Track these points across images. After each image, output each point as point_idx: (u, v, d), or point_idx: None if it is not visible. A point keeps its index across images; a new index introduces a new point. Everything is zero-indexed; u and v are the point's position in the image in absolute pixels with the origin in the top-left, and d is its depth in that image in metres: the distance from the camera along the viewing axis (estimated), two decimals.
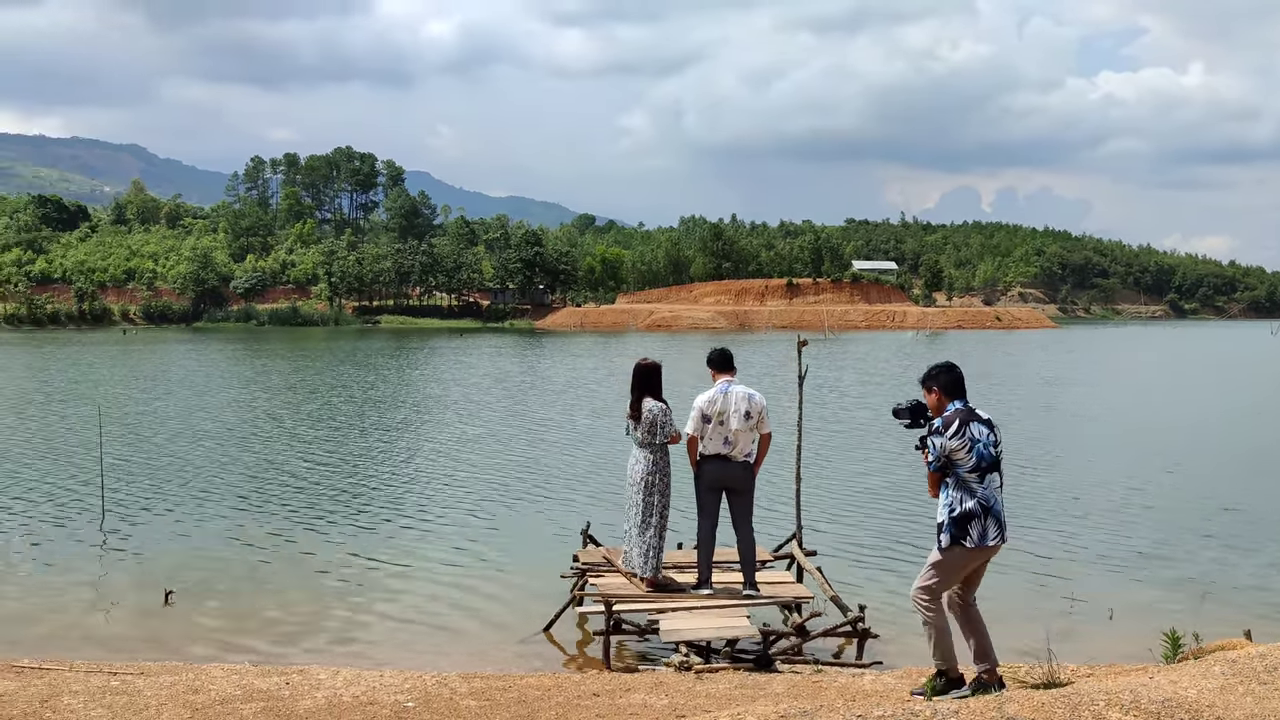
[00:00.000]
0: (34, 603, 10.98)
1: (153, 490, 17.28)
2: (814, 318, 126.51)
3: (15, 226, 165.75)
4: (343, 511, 15.66)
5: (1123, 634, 9.86)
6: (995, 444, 6.32)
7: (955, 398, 6.46)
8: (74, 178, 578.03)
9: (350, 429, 26.05)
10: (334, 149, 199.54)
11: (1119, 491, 17.30)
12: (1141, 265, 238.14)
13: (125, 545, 13.52)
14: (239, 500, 16.51)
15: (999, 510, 6.28)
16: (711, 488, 9.32)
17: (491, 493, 17.11)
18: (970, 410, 6.37)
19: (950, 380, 6.52)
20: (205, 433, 24.97)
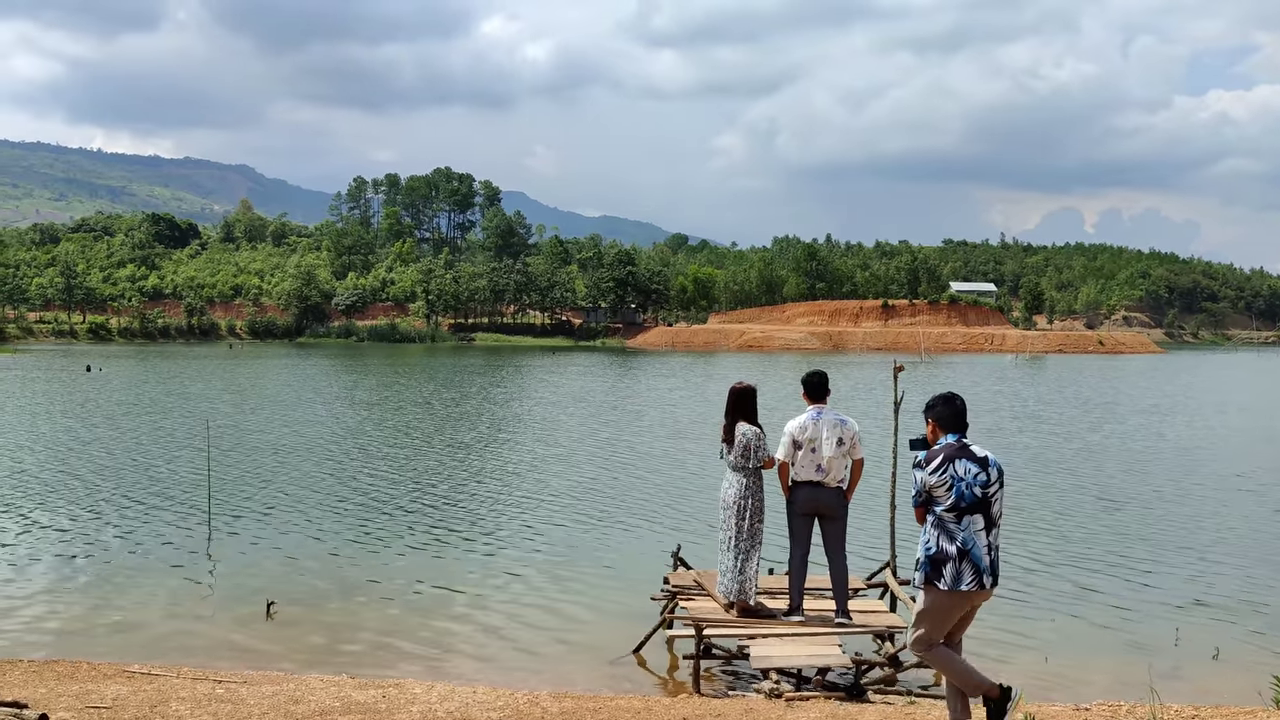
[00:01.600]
0: (144, 610, 11.38)
1: (256, 502, 17.78)
2: (910, 340, 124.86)
3: (130, 244, 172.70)
4: (438, 528, 15.92)
5: (1229, 673, 9.53)
6: (986, 484, 5.97)
7: (950, 431, 6.16)
8: (186, 196, 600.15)
9: (449, 446, 26.46)
10: (433, 169, 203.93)
11: (1228, 524, 16.72)
12: (1254, 289, 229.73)
13: (230, 556, 13.93)
14: (338, 514, 16.89)
15: (979, 555, 5.94)
16: (804, 513, 9.27)
17: (584, 513, 17.23)
18: (962, 447, 6.06)
19: (948, 413, 6.21)
20: (307, 446, 25.59)
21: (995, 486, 6.01)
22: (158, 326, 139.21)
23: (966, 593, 5.96)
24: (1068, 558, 14.18)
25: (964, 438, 6.13)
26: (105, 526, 15.69)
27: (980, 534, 5.96)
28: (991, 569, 5.99)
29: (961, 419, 6.19)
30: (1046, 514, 17.47)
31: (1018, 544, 14.95)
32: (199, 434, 25.30)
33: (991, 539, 6.00)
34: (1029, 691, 8.71)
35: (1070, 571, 13.42)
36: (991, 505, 5.98)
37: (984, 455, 6.06)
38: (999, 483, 6.04)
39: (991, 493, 5.99)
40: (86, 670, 8.38)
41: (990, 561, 5.99)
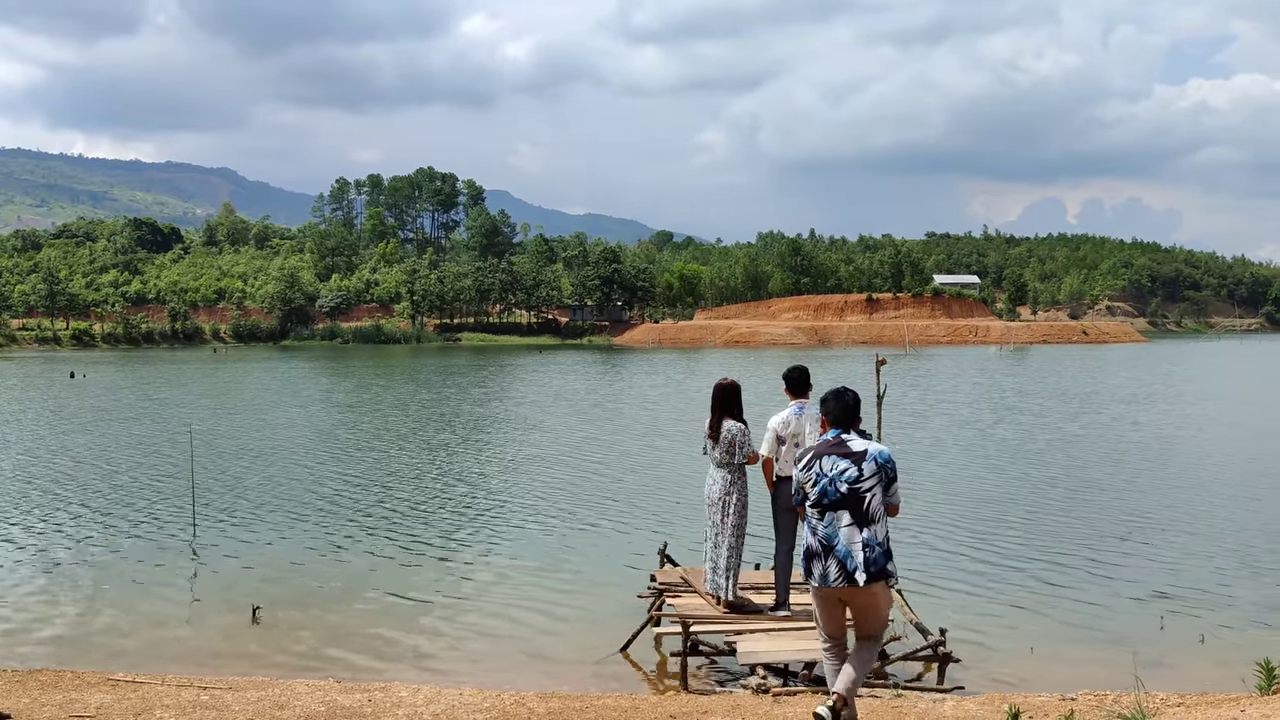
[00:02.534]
0: (128, 617, 11.32)
1: (241, 507, 17.71)
2: (894, 333, 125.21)
3: (113, 249, 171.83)
4: (423, 529, 15.89)
5: (1214, 660, 9.58)
6: (856, 480, 5.82)
7: (837, 426, 6.06)
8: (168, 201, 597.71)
9: (435, 447, 26.41)
10: (416, 169, 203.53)
11: (1210, 511, 16.81)
12: (1236, 277, 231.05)
13: (215, 561, 13.87)
14: (323, 518, 16.84)
15: (844, 551, 5.80)
16: (788, 509, 9.28)
17: (569, 512, 17.21)
18: (838, 442, 5.96)
19: (837, 408, 6.09)
20: (291, 451, 25.52)
21: (870, 481, 5.83)
22: (141, 332, 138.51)
23: (835, 589, 5.84)
24: (1050, 548, 14.23)
25: (846, 433, 6.00)
26: (88, 533, 15.61)
27: (848, 530, 5.81)
28: (867, 565, 5.79)
29: (849, 414, 6.06)
30: (1026, 505, 17.54)
31: (998, 535, 15.02)
32: (181, 439, 25.19)
33: (867, 535, 5.81)
34: (1015, 683, 8.75)
35: (1054, 562, 13.46)
36: (863, 501, 5.81)
37: (862, 450, 5.90)
38: (878, 477, 5.85)
39: (863, 488, 5.82)
40: (70, 679, 8.33)
41: (865, 558, 5.79)
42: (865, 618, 6.01)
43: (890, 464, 5.92)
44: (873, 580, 5.81)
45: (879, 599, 5.94)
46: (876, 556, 5.82)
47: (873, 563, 5.80)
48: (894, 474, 5.93)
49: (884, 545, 5.87)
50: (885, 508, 5.92)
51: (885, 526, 5.91)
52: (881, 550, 5.84)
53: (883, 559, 5.84)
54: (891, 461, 5.94)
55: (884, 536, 5.89)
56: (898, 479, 5.97)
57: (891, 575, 5.92)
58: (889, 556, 5.90)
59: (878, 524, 5.85)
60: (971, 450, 24.85)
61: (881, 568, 5.83)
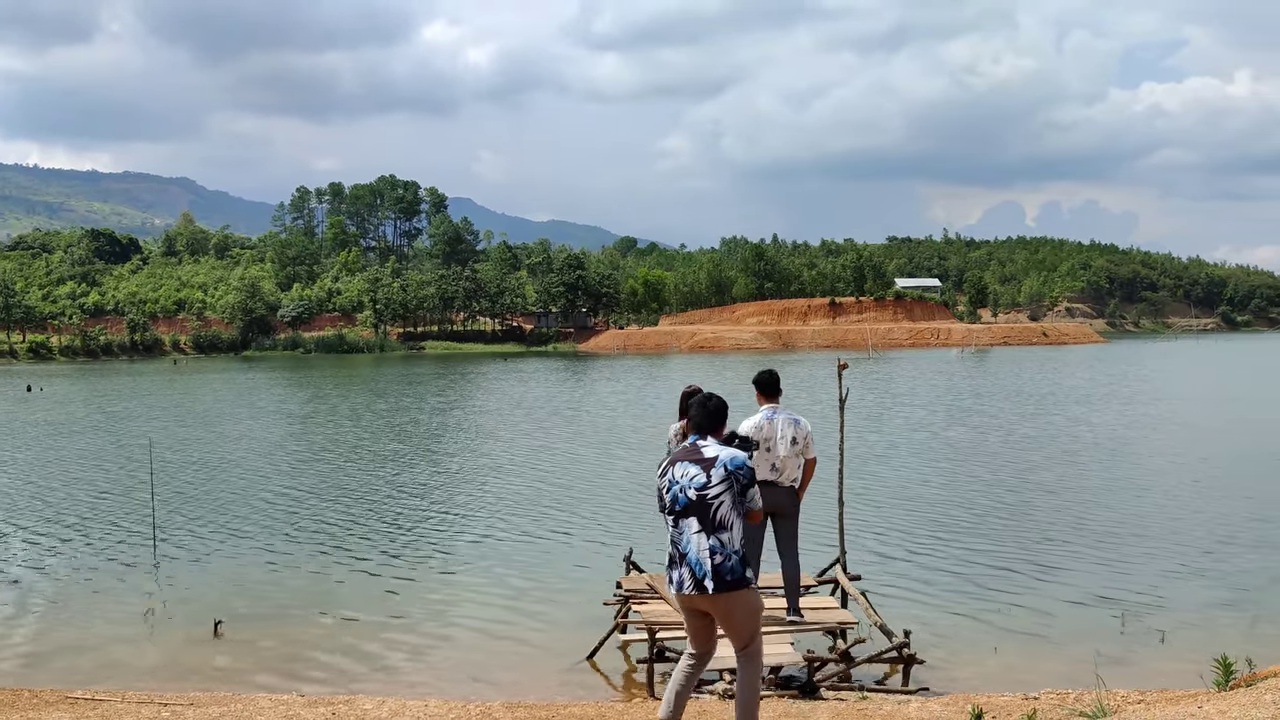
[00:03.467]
0: (87, 633, 11.17)
1: (202, 520, 17.52)
2: (857, 337, 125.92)
3: (69, 260, 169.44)
4: (385, 541, 15.79)
5: (1175, 657, 9.69)
6: (704, 486, 5.67)
7: (696, 433, 5.93)
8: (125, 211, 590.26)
9: (392, 458, 26.27)
10: (377, 177, 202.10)
11: (1171, 510, 17.04)
12: (1192, 278, 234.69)
13: (176, 575, 13.71)
14: (285, 530, 16.70)
15: (694, 559, 5.66)
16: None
17: (533, 521, 17.17)
18: (693, 449, 5.83)
19: (699, 415, 5.96)
20: (251, 463, 25.29)
21: (718, 488, 5.68)
22: (100, 344, 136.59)
23: (689, 597, 5.74)
24: (1011, 550, 14.36)
25: (704, 439, 5.88)
26: (45, 548, 15.39)
27: (697, 537, 5.68)
28: (716, 574, 5.64)
29: (710, 420, 5.93)
30: (985, 507, 17.69)
31: (959, 537, 15.14)
32: (141, 452, 24.88)
33: (715, 542, 5.66)
34: (979, 683, 8.81)
35: (1015, 563, 13.59)
36: (710, 507, 5.68)
37: (713, 456, 5.76)
38: (727, 483, 5.69)
39: (710, 495, 5.68)
40: (28, 698, 8.20)
41: (713, 566, 5.64)
42: (728, 627, 5.82)
43: (742, 470, 5.74)
44: (725, 589, 5.65)
45: (735, 608, 5.74)
46: (731, 565, 5.66)
47: (728, 571, 5.65)
48: (747, 480, 5.74)
49: (739, 553, 5.70)
50: (744, 514, 5.77)
51: (740, 535, 5.73)
52: (736, 558, 5.68)
53: (739, 567, 5.68)
54: (745, 468, 5.76)
55: (739, 544, 5.71)
56: (753, 485, 5.78)
57: (749, 584, 5.72)
58: (745, 564, 5.73)
59: (728, 531, 5.68)
60: (926, 453, 25.04)
61: (739, 576, 5.67)
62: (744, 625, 5.79)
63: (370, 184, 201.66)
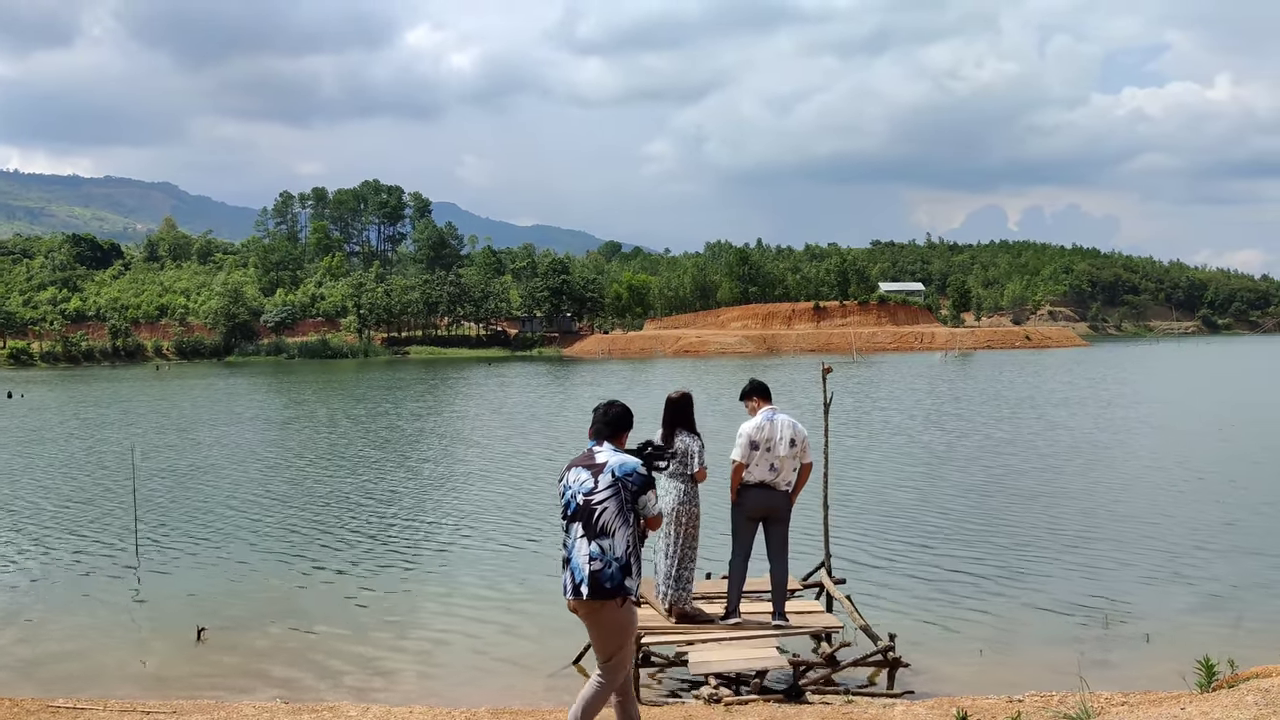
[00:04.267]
0: (69, 641, 11.08)
1: (185, 527, 17.41)
2: (841, 340, 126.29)
3: (50, 266, 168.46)
4: (369, 547, 15.73)
5: (1158, 659, 9.72)
6: (590, 492, 5.67)
7: (595, 438, 5.94)
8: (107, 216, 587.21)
9: (374, 464, 26.19)
10: (361, 182, 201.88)
11: (1152, 513, 17.11)
12: (1173, 281, 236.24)
13: (158, 582, 13.62)
14: (270, 537, 16.61)
15: (576, 564, 5.67)
16: (751, 517, 9.31)
17: (517, 525, 17.13)
18: (589, 454, 5.84)
19: (599, 421, 5.97)
20: (234, 469, 25.16)
21: (604, 493, 5.66)
22: (81, 350, 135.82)
23: (570, 601, 5.72)
24: (995, 553, 14.40)
25: (600, 445, 5.88)
26: (26, 555, 15.27)
27: (580, 542, 5.66)
28: (592, 580, 5.59)
29: (609, 426, 5.93)
30: (970, 510, 17.74)
31: (944, 541, 15.17)
32: (119, 459, 24.74)
33: (595, 549, 5.63)
34: (963, 686, 8.83)
35: (1000, 566, 13.62)
36: (594, 513, 5.65)
37: (604, 462, 5.75)
38: (614, 489, 5.67)
39: (595, 500, 5.66)
40: (8, 707, 8.13)
41: (591, 573, 5.60)
42: (594, 638, 5.79)
43: (631, 476, 5.70)
44: (598, 596, 5.60)
45: (603, 618, 5.68)
46: (610, 573, 5.60)
47: (606, 578, 5.59)
48: (637, 486, 5.70)
49: (621, 561, 5.62)
50: (640, 520, 5.73)
51: (625, 543, 5.66)
52: (617, 566, 5.61)
53: (617, 575, 5.60)
54: (635, 474, 5.72)
55: (622, 553, 5.64)
56: (649, 491, 5.74)
57: (627, 595, 5.64)
58: (626, 573, 5.64)
59: (611, 538, 5.62)
60: (910, 457, 25.11)
61: (617, 585, 5.60)
62: (608, 639, 5.72)
63: (354, 189, 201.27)
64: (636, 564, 5.75)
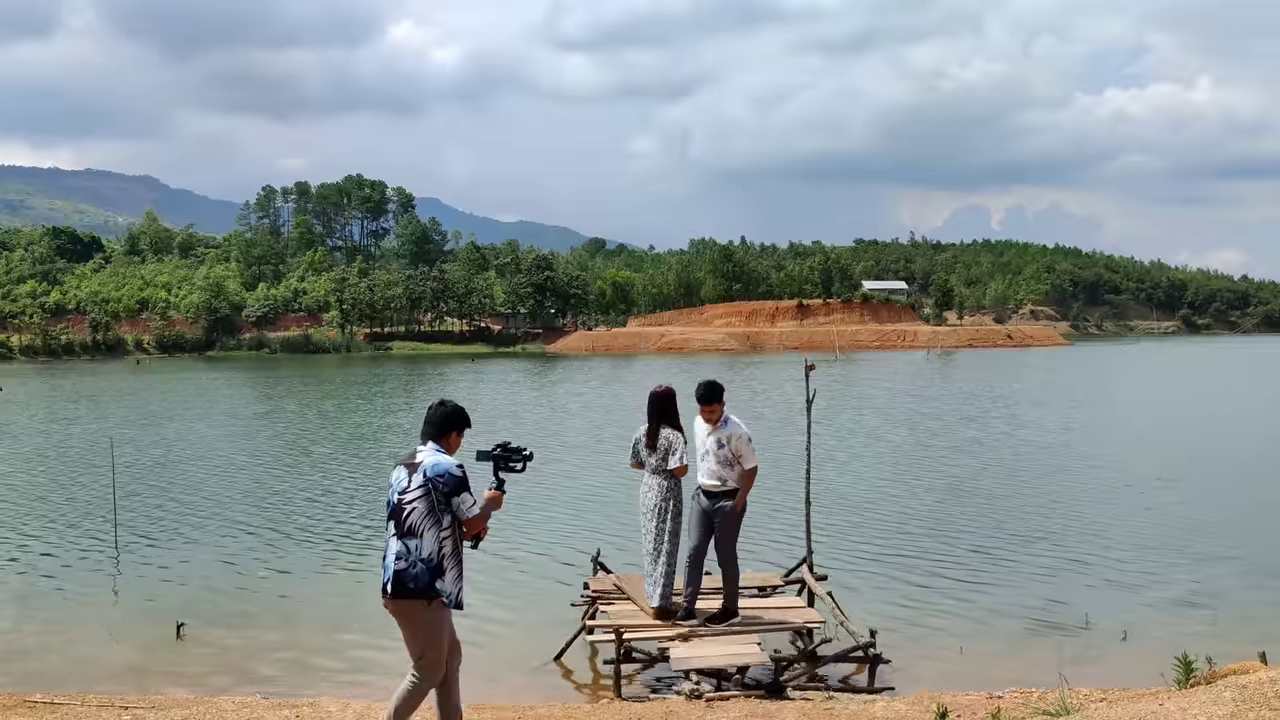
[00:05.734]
0: (47, 637, 11.01)
1: (164, 522, 17.33)
2: (825, 338, 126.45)
3: (30, 258, 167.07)
4: (351, 542, 15.69)
5: (1137, 655, 9.79)
6: (402, 491, 5.71)
7: (423, 439, 5.96)
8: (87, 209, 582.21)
9: (357, 458, 26.11)
10: (344, 177, 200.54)
11: (1133, 511, 17.22)
12: (1154, 281, 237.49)
13: (137, 578, 13.55)
14: (248, 532, 16.54)
15: (386, 562, 5.70)
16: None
17: (500, 521, 17.07)
18: (411, 454, 5.87)
19: (426, 420, 6.00)
20: (214, 464, 25.06)
21: (415, 493, 5.68)
22: (61, 343, 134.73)
23: (383, 599, 5.78)
24: (974, 550, 14.47)
25: (424, 444, 5.91)
26: (2, 549, 15.15)
27: (391, 541, 5.71)
28: (396, 579, 5.64)
29: (435, 426, 5.94)
30: (949, 507, 17.81)
31: (924, 537, 15.22)
32: (102, 453, 24.58)
33: (402, 547, 5.65)
34: (944, 682, 8.87)
35: (980, 563, 13.69)
36: (403, 512, 5.68)
37: (419, 462, 5.77)
38: (424, 489, 5.68)
39: (406, 499, 5.69)
40: None
41: (395, 572, 5.64)
42: (405, 635, 5.81)
43: (442, 477, 5.70)
44: (401, 595, 5.65)
45: (408, 618, 5.73)
46: (414, 573, 5.62)
47: (410, 578, 5.62)
48: (449, 488, 5.70)
49: (429, 563, 5.63)
50: (458, 523, 5.75)
51: (434, 544, 5.66)
52: (423, 567, 5.62)
53: (424, 576, 5.62)
54: (446, 475, 5.72)
55: (429, 554, 5.64)
56: (462, 493, 5.74)
57: (433, 597, 5.65)
58: (436, 575, 5.65)
59: (418, 539, 5.64)
60: (893, 454, 25.20)
61: (422, 586, 5.62)
62: (416, 638, 5.76)
63: (337, 183, 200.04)
64: (453, 566, 5.75)
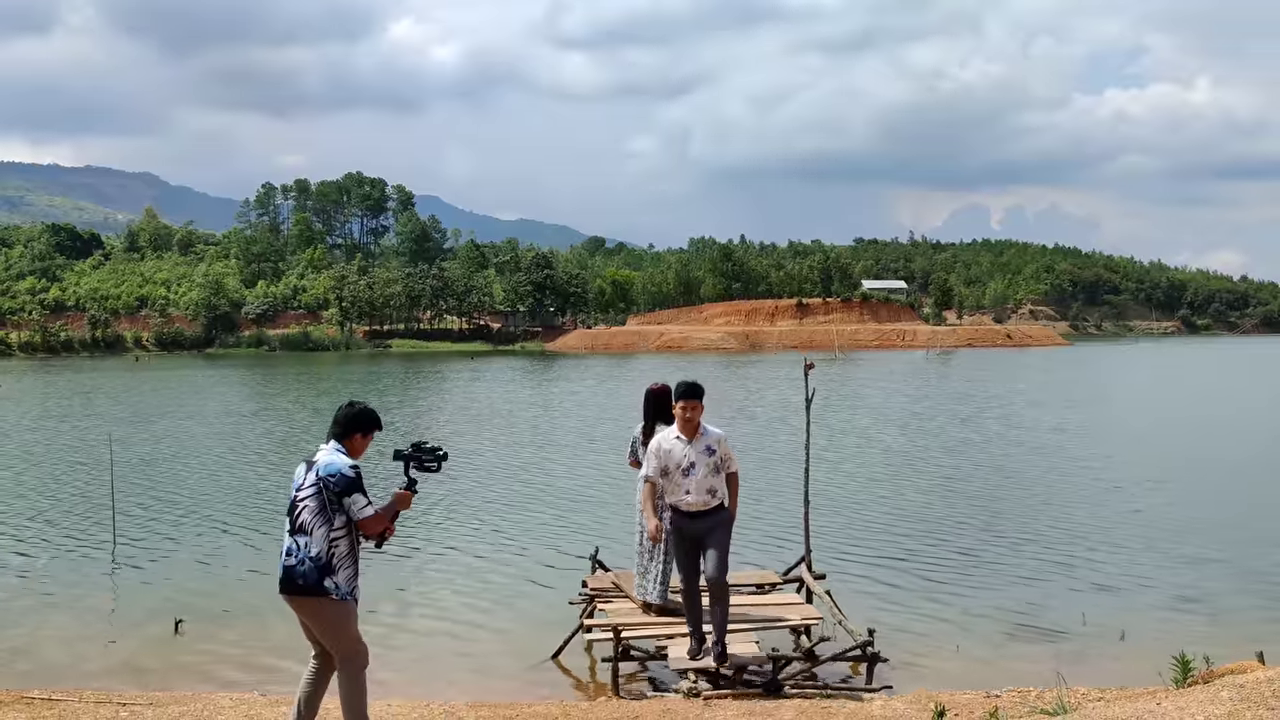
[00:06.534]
0: (45, 633, 11.01)
1: (162, 518, 17.32)
2: (824, 338, 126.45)
3: (29, 255, 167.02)
4: None
5: (1134, 654, 9.79)
6: (298, 489, 5.80)
7: (330, 438, 5.99)
8: (87, 206, 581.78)
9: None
10: (344, 174, 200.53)
11: (1130, 510, 17.22)
12: (1153, 281, 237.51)
13: (135, 574, 13.55)
14: (246, 527, 16.54)
15: (282, 560, 5.80)
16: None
17: (500, 518, 17.11)
18: (311, 454, 5.96)
19: (332, 420, 6.03)
20: (213, 460, 25.04)
21: (307, 491, 5.77)
22: (60, 340, 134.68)
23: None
24: (973, 548, 14.47)
25: (327, 443, 5.94)
26: (1, 546, 15.15)
27: (285, 537, 5.82)
28: (286, 575, 5.74)
29: (339, 426, 5.96)
30: (950, 506, 17.81)
31: (924, 536, 15.22)
32: (101, 449, 24.56)
33: (292, 544, 5.75)
34: (941, 681, 8.87)
35: (978, 562, 13.69)
36: (296, 509, 5.78)
37: (316, 460, 5.86)
38: (315, 488, 5.76)
39: (299, 497, 5.78)
40: None
41: (286, 568, 5.75)
42: (317, 633, 5.89)
43: (334, 477, 5.74)
44: (291, 592, 5.74)
45: (309, 615, 5.81)
46: (303, 570, 5.70)
47: (299, 575, 5.70)
48: (339, 487, 5.74)
49: (318, 561, 5.69)
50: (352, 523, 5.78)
51: (323, 542, 5.72)
52: (311, 565, 5.69)
53: (312, 574, 5.69)
54: (338, 475, 5.75)
55: (318, 551, 5.70)
56: (353, 493, 5.75)
57: (323, 594, 5.71)
58: (325, 573, 5.71)
59: (308, 536, 5.71)
60: (892, 453, 25.20)
61: (311, 583, 5.69)
62: (324, 635, 5.84)
63: (337, 181, 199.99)
64: (348, 566, 5.80)
